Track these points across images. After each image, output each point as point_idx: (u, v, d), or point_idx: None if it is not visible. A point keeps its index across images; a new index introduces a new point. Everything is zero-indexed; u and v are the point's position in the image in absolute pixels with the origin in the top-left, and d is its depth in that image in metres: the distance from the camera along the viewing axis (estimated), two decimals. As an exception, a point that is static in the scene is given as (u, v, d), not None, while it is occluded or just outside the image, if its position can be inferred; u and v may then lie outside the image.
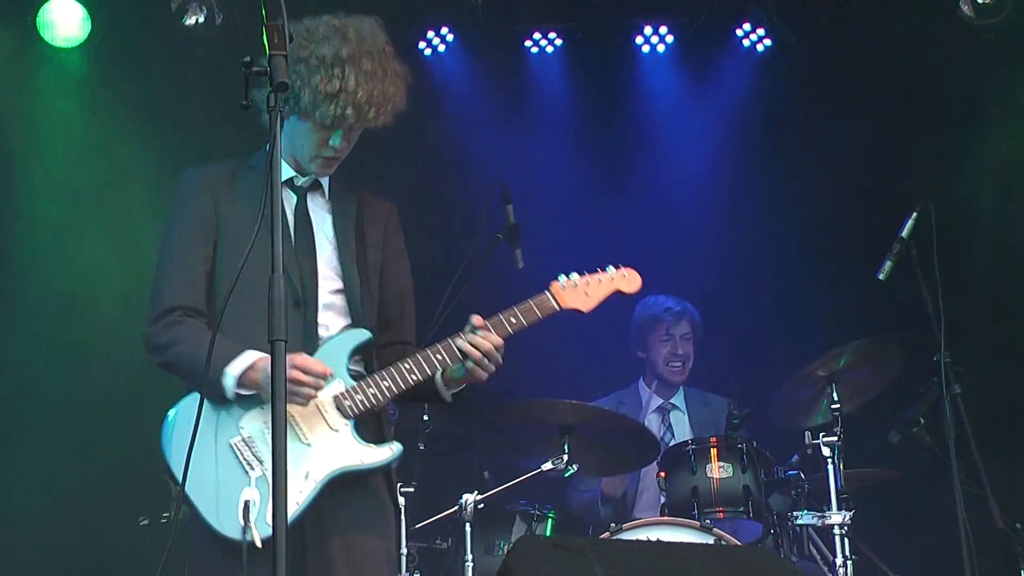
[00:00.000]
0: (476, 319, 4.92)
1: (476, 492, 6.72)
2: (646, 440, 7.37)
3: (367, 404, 4.83)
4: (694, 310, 8.27)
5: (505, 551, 6.53)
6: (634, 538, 6.34)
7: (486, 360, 4.90)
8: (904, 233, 7.12)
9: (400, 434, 6.88)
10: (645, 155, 9.41)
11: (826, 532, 6.92)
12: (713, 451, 7.04)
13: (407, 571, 6.76)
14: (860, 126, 8.83)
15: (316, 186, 5.09)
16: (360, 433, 4.83)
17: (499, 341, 4.91)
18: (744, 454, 7.00)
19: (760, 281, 8.89)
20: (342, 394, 4.82)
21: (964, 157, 8.65)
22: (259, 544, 4.53)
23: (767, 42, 9.33)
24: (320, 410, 4.80)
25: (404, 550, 6.76)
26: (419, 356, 4.90)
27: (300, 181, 5.03)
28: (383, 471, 4.93)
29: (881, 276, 7.19)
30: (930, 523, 7.53)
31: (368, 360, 5.01)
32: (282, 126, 3.99)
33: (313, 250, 4.96)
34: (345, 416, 4.80)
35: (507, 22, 9.39)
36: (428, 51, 9.36)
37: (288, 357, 4.46)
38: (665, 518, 6.87)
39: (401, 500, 6.73)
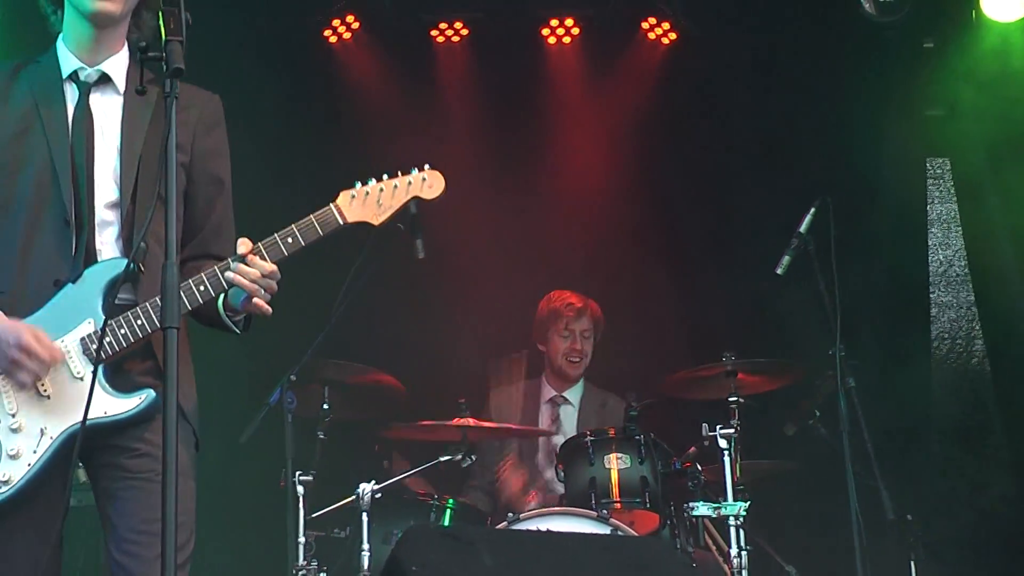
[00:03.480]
0: (242, 244, 4.35)
1: (374, 481, 6.72)
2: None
3: (116, 347, 4.27)
4: (596, 307, 8.28)
5: (402, 541, 6.54)
6: (529, 528, 6.40)
7: (259, 288, 4.33)
8: (802, 228, 7.21)
9: (299, 423, 6.98)
10: (551, 146, 9.42)
11: (722, 523, 6.97)
12: (611, 443, 7.06)
13: (304, 560, 6.75)
14: (763, 121, 8.91)
15: (105, 80, 4.53)
16: (112, 379, 4.30)
17: (269, 268, 4.33)
18: (642, 446, 7.02)
19: (663, 273, 8.91)
20: (88, 337, 4.29)
21: (864, 154, 8.73)
22: None
23: (672, 36, 9.38)
24: (64, 355, 4.30)
25: (302, 539, 6.74)
26: (179, 290, 4.18)
27: (85, 74, 4.51)
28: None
29: (779, 271, 7.27)
30: (824, 514, 7.61)
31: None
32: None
33: (92, 156, 4.42)
34: (92, 361, 4.25)
35: (413, 11, 9.38)
36: (334, 39, 9.33)
37: (13, 332, 4.23)
38: (562, 508, 6.87)
39: (300, 489, 6.75)
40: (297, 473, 6.78)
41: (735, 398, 7.15)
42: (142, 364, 4.37)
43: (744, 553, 6.77)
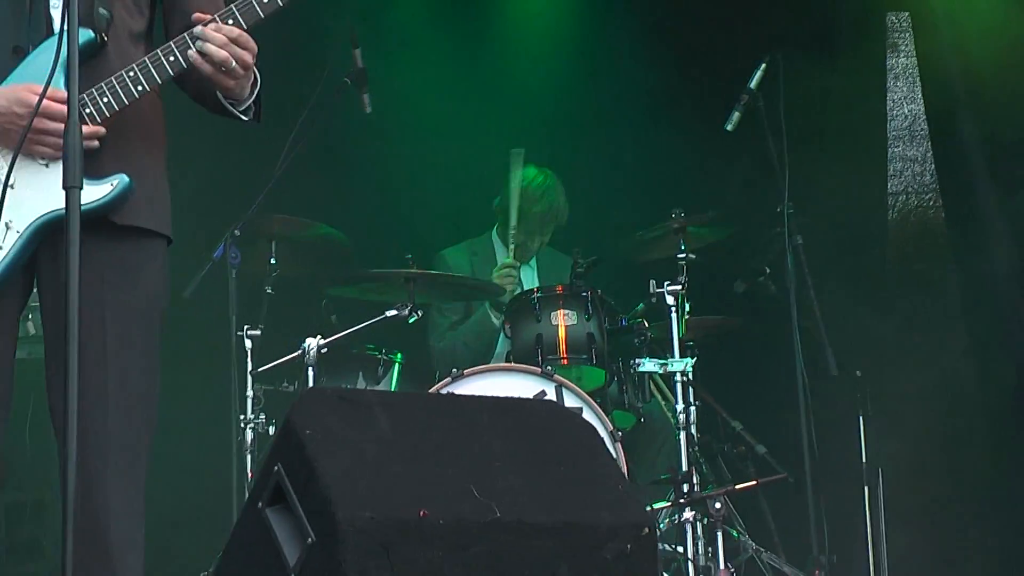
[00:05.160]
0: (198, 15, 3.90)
1: (320, 336, 6.73)
2: (489, 289, 7.52)
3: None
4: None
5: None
6: (473, 385, 6.42)
7: (228, 58, 3.88)
8: (752, 84, 7.18)
9: (246, 278, 6.96)
10: (500, 9, 9.18)
11: (669, 379, 7.00)
12: (558, 299, 7.01)
13: (252, 413, 6.79)
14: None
15: None
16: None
17: (235, 33, 3.89)
18: (589, 302, 6.97)
19: (612, 129, 8.82)
20: None
21: (820, 8, 8.59)
22: None
23: None
24: (28, 140, 3.84)
25: (250, 392, 6.79)
26: (148, 61, 3.91)
27: None
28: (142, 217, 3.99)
29: (728, 127, 7.26)
30: (770, 371, 7.65)
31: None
32: None
33: None
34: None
35: None
36: None
37: (13, 90, 3.88)
38: (507, 364, 6.88)
39: (248, 343, 6.78)
40: (245, 327, 6.80)
41: (683, 255, 7.11)
42: (111, 148, 3.93)
43: (691, 409, 6.82)
